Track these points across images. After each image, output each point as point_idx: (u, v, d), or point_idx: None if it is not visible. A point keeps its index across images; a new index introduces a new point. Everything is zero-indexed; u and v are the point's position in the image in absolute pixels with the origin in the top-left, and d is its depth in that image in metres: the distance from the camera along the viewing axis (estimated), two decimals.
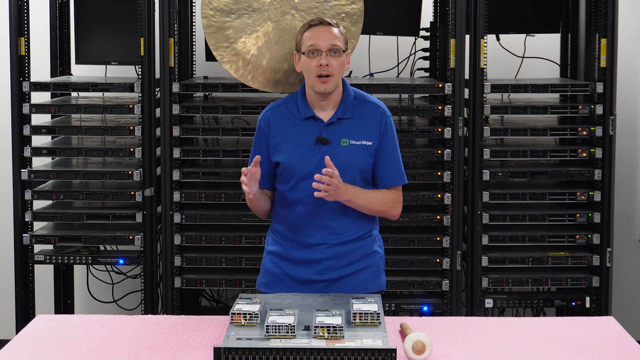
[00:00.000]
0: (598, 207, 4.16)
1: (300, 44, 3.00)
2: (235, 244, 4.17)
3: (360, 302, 2.68)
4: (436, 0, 4.66)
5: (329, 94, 2.99)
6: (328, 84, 2.95)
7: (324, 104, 3.01)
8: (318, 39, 2.96)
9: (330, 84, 2.96)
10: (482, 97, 4.12)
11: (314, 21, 3.02)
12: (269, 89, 3.48)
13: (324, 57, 2.94)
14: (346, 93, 3.04)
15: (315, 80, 2.95)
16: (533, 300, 4.29)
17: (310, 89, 3.01)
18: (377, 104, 3.07)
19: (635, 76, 4.99)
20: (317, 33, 2.97)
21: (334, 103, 3.02)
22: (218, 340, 2.64)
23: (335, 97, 3.02)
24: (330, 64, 2.94)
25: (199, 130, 4.17)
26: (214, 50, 3.48)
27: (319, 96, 3.00)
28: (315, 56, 2.95)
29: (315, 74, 2.94)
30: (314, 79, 2.96)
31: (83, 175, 4.21)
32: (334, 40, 2.96)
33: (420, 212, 4.18)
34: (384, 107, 3.07)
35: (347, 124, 3.01)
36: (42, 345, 2.64)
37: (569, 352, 2.60)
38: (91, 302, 4.99)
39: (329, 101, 3.01)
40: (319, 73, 2.94)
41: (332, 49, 2.95)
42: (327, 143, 2.98)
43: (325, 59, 2.94)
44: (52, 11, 4.69)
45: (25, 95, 4.23)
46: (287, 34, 3.40)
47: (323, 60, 2.93)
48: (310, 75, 2.96)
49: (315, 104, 3.02)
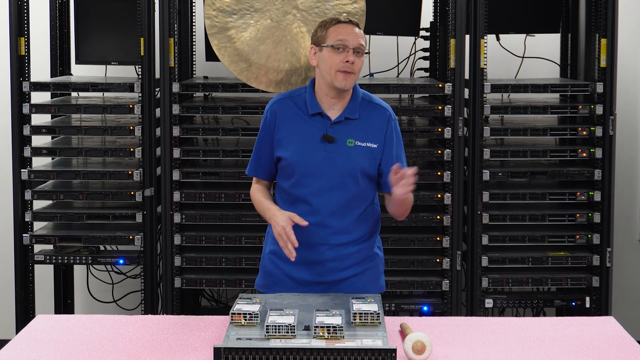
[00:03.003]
0: (598, 207, 4.16)
1: (325, 38, 2.98)
2: (235, 244, 4.17)
3: (360, 302, 2.68)
4: (436, 0, 4.66)
5: (343, 92, 2.98)
6: (349, 80, 2.95)
7: (334, 101, 3.00)
8: (347, 35, 2.96)
9: (351, 81, 2.95)
10: (482, 97, 4.12)
11: (342, 18, 3.02)
12: (271, 89, 3.48)
13: (350, 54, 2.94)
14: (355, 94, 3.04)
15: (336, 75, 2.94)
16: (533, 300, 4.29)
17: (324, 84, 2.99)
18: (384, 107, 3.06)
19: (635, 76, 4.99)
20: (346, 30, 2.97)
21: (342, 102, 3.02)
22: (218, 340, 2.64)
23: (345, 96, 3.02)
24: (355, 62, 2.94)
25: (199, 130, 4.17)
26: (217, 50, 3.48)
27: (332, 92, 2.98)
28: (341, 52, 2.94)
29: (339, 68, 2.93)
30: (335, 74, 2.94)
31: (83, 175, 4.21)
32: (361, 41, 2.97)
33: (420, 212, 4.18)
34: (390, 110, 3.07)
35: (354, 124, 3.01)
36: (42, 345, 2.64)
37: (569, 352, 2.60)
38: (91, 302, 4.99)
39: (339, 99, 3.00)
40: (343, 69, 2.93)
41: (358, 48, 2.96)
42: (333, 141, 2.98)
43: (352, 56, 2.94)
44: (52, 11, 4.69)
45: (25, 95, 4.23)
46: (289, 33, 3.40)
47: (350, 57, 2.93)
48: (332, 69, 2.94)
49: (324, 101, 3.01)
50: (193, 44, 4.67)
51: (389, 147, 3.02)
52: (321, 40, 2.99)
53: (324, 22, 3.03)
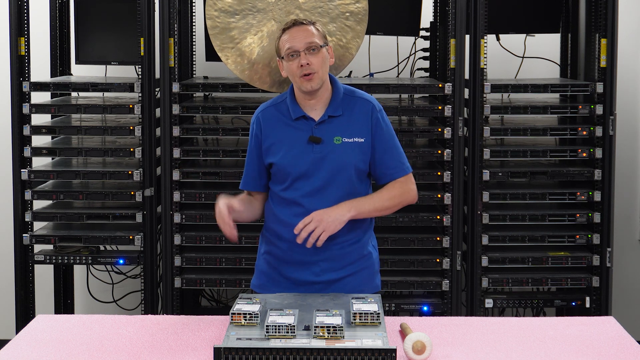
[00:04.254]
0: (598, 207, 4.16)
1: (279, 49, 3.01)
2: (235, 244, 4.16)
3: (360, 302, 2.68)
4: (436, 0, 4.66)
5: (316, 92, 2.98)
6: (313, 81, 2.94)
7: (314, 103, 3.00)
8: (294, 40, 2.96)
9: (316, 81, 2.95)
10: (482, 97, 4.12)
11: (287, 24, 3.02)
12: (275, 89, 3.48)
13: (303, 57, 2.93)
14: (336, 91, 3.03)
15: (300, 81, 2.95)
16: (533, 300, 4.29)
17: (298, 90, 3.01)
18: (366, 99, 3.05)
19: (635, 76, 4.99)
20: (292, 35, 2.98)
21: (323, 101, 3.01)
22: (218, 340, 2.64)
23: (324, 95, 3.01)
24: (310, 62, 2.93)
25: (199, 130, 4.17)
26: (219, 51, 3.48)
27: (308, 95, 2.99)
28: (294, 58, 2.95)
29: (299, 74, 2.94)
30: (299, 80, 2.95)
31: (83, 175, 4.21)
32: (310, 38, 2.96)
33: (420, 212, 4.18)
34: (373, 101, 3.04)
35: (339, 121, 3.00)
36: (42, 345, 2.64)
37: (569, 352, 2.60)
38: (91, 302, 4.99)
39: (318, 99, 3.00)
40: (302, 73, 2.94)
41: (309, 47, 2.95)
42: (320, 142, 2.98)
43: (304, 59, 2.93)
44: (52, 11, 4.69)
45: (25, 95, 4.23)
46: None
47: (303, 60, 2.93)
48: (295, 77, 2.96)
49: (304, 104, 3.01)
50: (193, 44, 4.67)
51: (378, 139, 3.01)
52: (279, 52, 3.02)
53: (278, 34, 3.05)
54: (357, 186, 3.01)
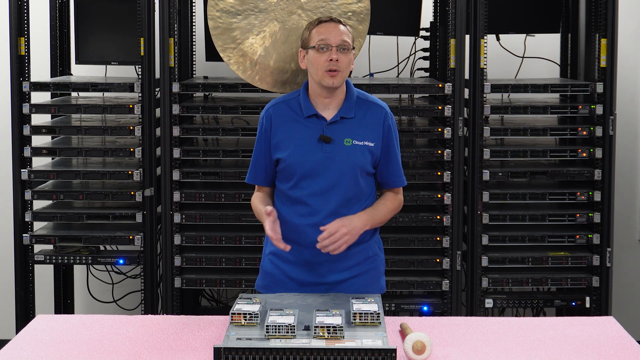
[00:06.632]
0: (598, 207, 4.16)
1: (309, 40, 3.01)
2: (235, 244, 4.17)
3: (360, 302, 2.68)
4: (436, 0, 4.66)
5: (334, 90, 2.98)
6: (336, 78, 2.95)
7: (328, 101, 3.01)
8: (329, 34, 2.97)
9: (338, 79, 2.96)
10: (482, 97, 4.12)
11: (324, 18, 3.04)
12: (277, 90, 3.48)
13: (334, 52, 2.95)
14: (350, 93, 3.04)
15: (324, 75, 2.95)
16: (533, 300, 4.29)
17: (315, 85, 3.00)
18: (380, 105, 3.07)
19: (635, 76, 4.99)
20: (327, 29, 2.98)
21: (337, 102, 3.02)
22: (218, 340, 2.64)
23: (339, 96, 3.02)
24: (339, 59, 2.95)
25: (199, 130, 4.17)
26: (221, 51, 3.48)
27: (324, 92, 2.99)
28: (325, 51, 2.96)
29: (325, 68, 2.95)
30: (322, 74, 2.95)
31: (83, 175, 4.21)
32: (344, 37, 2.98)
33: (420, 212, 4.18)
34: (386, 108, 3.07)
35: (350, 123, 3.01)
36: (42, 345, 2.64)
37: (569, 352, 2.60)
38: (91, 302, 4.99)
39: (332, 99, 3.00)
40: (328, 68, 2.94)
41: (341, 45, 2.96)
42: (330, 142, 2.98)
43: (335, 54, 2.95)
44: (52, 11, 4.69)
45: (25, 95, 4.23)
46: (294, 34, 3.40)
47: (334, 55, 2.94)
48: (319, 70, 2.96)
49: (318, 102, 3.02)
50: (193, 44, 4.67)
51: (386, 145, 3.03)
52: (306, 43, 3.02)
53: (308, 25, 3.06)
54: (363, 189, 3.03)
